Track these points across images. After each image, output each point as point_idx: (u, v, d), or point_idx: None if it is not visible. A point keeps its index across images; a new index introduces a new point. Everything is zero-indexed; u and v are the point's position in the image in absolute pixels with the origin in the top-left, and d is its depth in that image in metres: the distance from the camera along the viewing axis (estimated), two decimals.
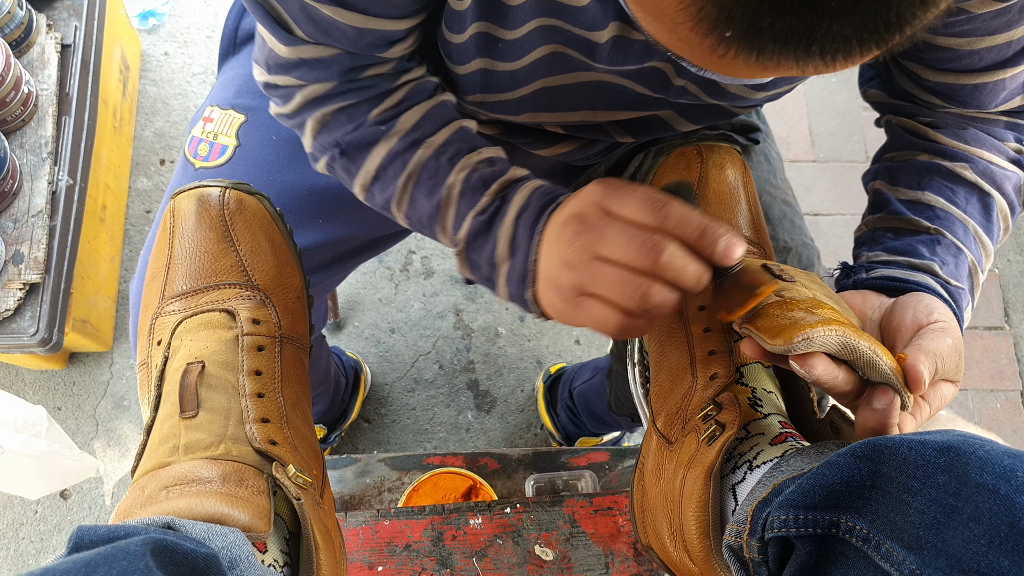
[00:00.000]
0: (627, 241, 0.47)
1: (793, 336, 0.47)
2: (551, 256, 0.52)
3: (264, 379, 0.56)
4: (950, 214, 0.63)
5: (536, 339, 1.59)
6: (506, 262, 0.56)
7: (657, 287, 0.47)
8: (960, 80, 0.61)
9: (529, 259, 0.54)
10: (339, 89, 0.59)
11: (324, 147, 0.61)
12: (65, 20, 1.38)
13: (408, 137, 0.59)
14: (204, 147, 0.77)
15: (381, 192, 0.61)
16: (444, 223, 0.59)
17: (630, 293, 0.47)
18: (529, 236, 0.54)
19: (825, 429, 0.57)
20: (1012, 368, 1.64)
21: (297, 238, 0.75)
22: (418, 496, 0.92)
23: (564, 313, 0.52)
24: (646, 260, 0.47)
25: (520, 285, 0.55)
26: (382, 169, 0.60)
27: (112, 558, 0.38)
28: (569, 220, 0.50)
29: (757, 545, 0.47)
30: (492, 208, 0.56)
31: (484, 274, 0.58)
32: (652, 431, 0.62)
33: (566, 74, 0.62)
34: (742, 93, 0.62)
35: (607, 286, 0.48)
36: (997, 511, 0.36)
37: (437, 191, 0.58)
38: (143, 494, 0.49)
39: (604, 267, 0.48)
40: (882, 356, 0.48)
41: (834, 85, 1.86)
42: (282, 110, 0.62)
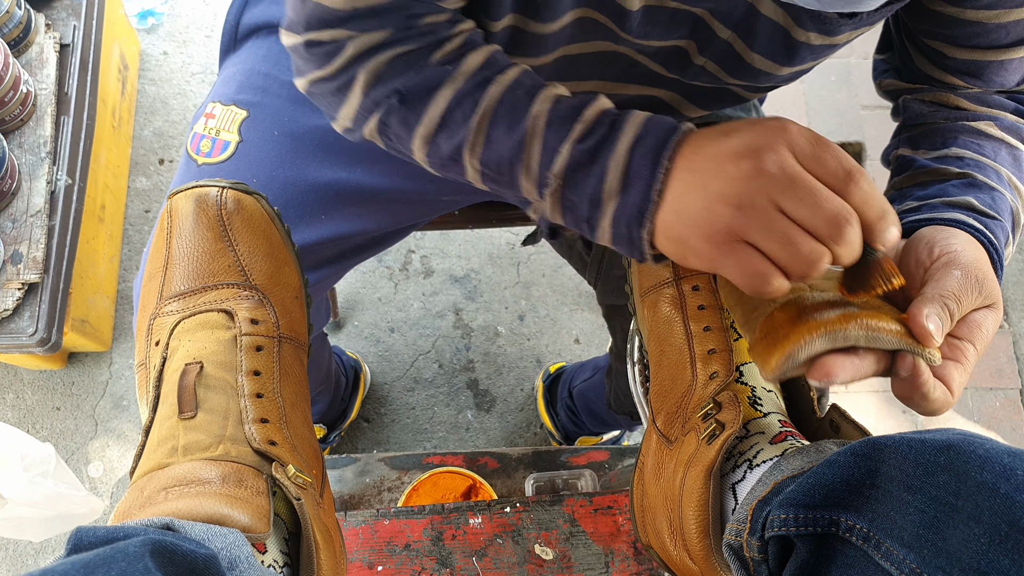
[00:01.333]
0: (818, 202, 0.44)
1: (776, 361, 0.46)
2: (703, 189, 0.47)
3: (263, 379, 0.56)
4: (980, 161, 0.60)
5: (536, 338, 1.59)
6: (615, 197, 0.50)
7: (828, 256, 0.45)
8: (987, 56, 0.60)
9: (653, 190, 0.48)
10: (397, 36, 0.55)
11: (378, 101, 0.56)
12: (64, 19, 1.38)
13: (476, 76, 0.55)
14: (206, 143, 0.77)
15: (448, 139, 0.55)
16: (529, 160, 0.53)
17: (803, 256, 0.44)
18: (652, 166, 0.49)
19: (825, 427, 0.57)
20: (1011, 366, 1.64)
21: (299, 234, 0.75)
22: (418, 496, 0.92)
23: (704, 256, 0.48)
24: (830, 230, 0.44)
25: (635, 222, 0.50)
26: (449, 112, 0.54)
27: (111, 559, 0.38)
28: (746, 154, 0.45)
29: (757, 544, 0.47)
30: (597, 136, 0.51)
31: (582, 214, 0.52)
32: (652, 430, 0.62)
33: (588, 42, 0.60)
34: (767, 68, 0.60)
35: (779, 242, 0.45)
36: (997, 510, 0.36)
37: (519, 125, 0.52)
38: (142, 495, 0.49)
39: (783, 220, 0.44)
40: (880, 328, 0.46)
41: (833, 84, 1.86)
42: (323, 72, 0.57)
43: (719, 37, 0.58)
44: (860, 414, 1.48)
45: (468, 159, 0.55)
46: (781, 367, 0.46)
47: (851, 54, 1.86)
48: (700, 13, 0.57)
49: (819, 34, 0.56)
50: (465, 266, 1.62)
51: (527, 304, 1.61)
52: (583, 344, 1.60)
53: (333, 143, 0.77)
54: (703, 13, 0.57)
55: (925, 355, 0.47)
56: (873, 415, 1.58)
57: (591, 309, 1.62)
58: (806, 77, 1.85)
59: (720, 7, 0.56)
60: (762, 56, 0.59)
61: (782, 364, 0.46)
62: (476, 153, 0.55)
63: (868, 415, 1.57)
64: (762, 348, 0.48)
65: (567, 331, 1.60)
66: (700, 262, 0.48)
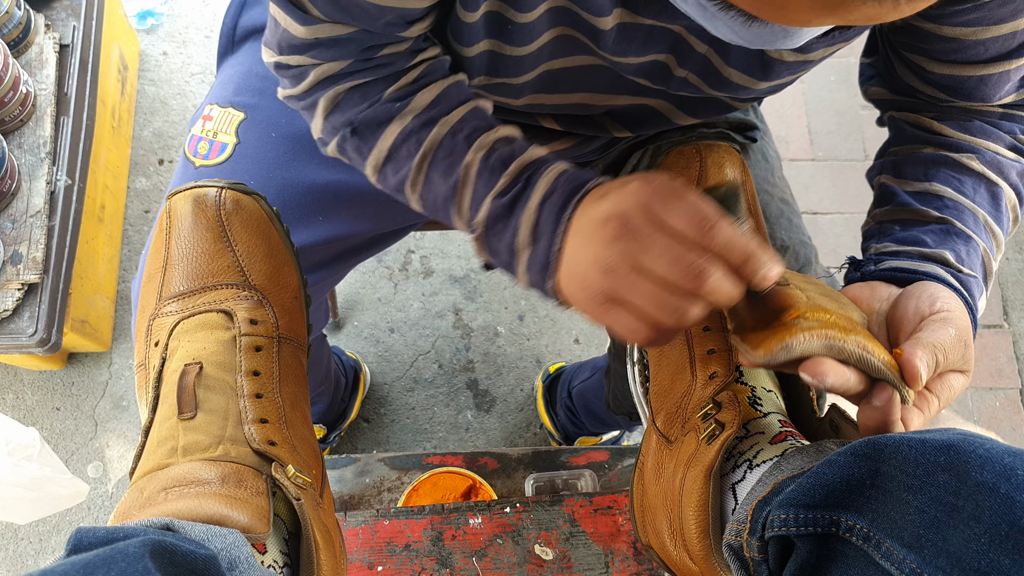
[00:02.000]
0: (673, 259, 0.46)
1: (773, 347, 0.47)
2: (583, 252, 0.50)
3: (262, 379, 0.56)
4: (959, 203, 0.62)
5: (535, 338, 1.59)
6: (527, 249, 0.54)
7: (695, 308, 0.47)
8: (965, 72, 0.61)
9: (553, 248, 0.52)
10: (354, 68, 0.58)
11: (335, 127, 0.60)
12: (63, 20, 1.38)
13: (423, 115, 0.58)
14: (204, 145, 0.77)
15: (394, 173, 0.59)
16: (460, 205, 0.57)
17: (669, 311, 0.46)
18: (555, 224, 0.52)
19: (825, 428, 0.57)
20: (1011, 366, 1.64)
21: (297, 236, 0.75)
22: (417, 496, 0.92)
23: (589, 312, 0.51)
24: (690, 283, 0.46)
25: (541, 274, 0.53)
26: (395, 148, 0.58)
27: (111, 559, 0.38)
28: (610, 219, 0.48)
29: (757, 544, 0.47)
30: (514, 191, 0.54)
31: (504, 260, 0.56)
32: (652, 430, 0.62)
33: (570, 57, 0.61)
34: (743, 82, 0.61)
35: (644, 299, 0.47)
36: (997, 509, 0.36)
37: (453, 171, 0.56)
38: (142, 496, 0.49)
39: (643, 280, 0.47)
40: (874, 352, 0.48)
41: (832, 84, 1.86)
42: (292, 91, 0.61)
43: (696, 51, 0.59)
44: None
45: (410, 194, 0.60)
46: (775, 353, 0.47)
47: (850, 54, 1.86)
48: (676, 29, 0.57)
49: (792, 51, 0.57)
50: (465, 266, 1.62)
51: (527, 304, 1.61)
52: (583, 344, 1.60)
53: None
54: (679, 29, 0.57)
55: (903, 392, 0.48)
56: None
57: None
58: (805, 77, 1.85)
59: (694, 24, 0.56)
60: (738, 71, 0.60)
61: (777, 351, 0.47)
62: (417, 190, 0.59)
63: None
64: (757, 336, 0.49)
65: (567, 331, 1.60)
66: (589, 317, 0.51)
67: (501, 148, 0.56)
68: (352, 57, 0.57)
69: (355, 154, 0.60)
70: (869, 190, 0.71)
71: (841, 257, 1.70)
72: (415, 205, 0.61)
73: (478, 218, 0.56)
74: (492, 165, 0.55)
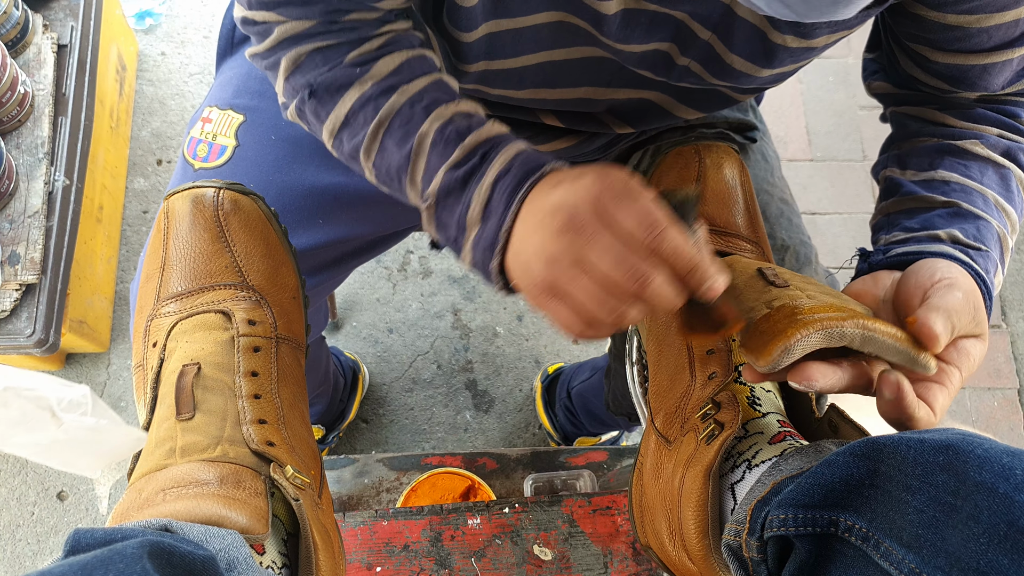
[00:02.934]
0: (617, 259, 0.45)
1: (773, 351, 0.46)
2: (529, 238, 0.49)
3: (260, 380, 0.56)
4: (966, 186, 0.61)
5: (534, 338, 1.59)
6: (476, 225, 0.53)
7: (634, 310, 0.47)
8: (969, 60, 0.61)
9: (502, 228, 0.51)
10: (318, 29, 0.57)
11: (296, 89, 0.59)
12: (61, 20, 1.38)
13: (383, 83, 0.57)
14: (203, 148, 0.77)
15: (350, 139, 0.58)
16: (414, 175, 0.56)
17: (606, 310, 0.47)
18: (506, 204, 0.51)
19: (824, 428, 0.57)
20: (1009, 366, 1.65)
21: (297, 239, 0.75)
22: (416, 496, 0.92)
23: (529, 299, 0.51)
24: (632, 285, 0.45)
25: (487, 253, 0.53)
26: (352, 114, 0.57)
27: (109, 561, 0.38)
28: (559, 210, 0.47)
29: (756, 544, 0.47)
30: (469, 165, 0.54)
31: (451, 235, 0.55)
32: (651, 430, 0.62)
33: (571, 48, 0.61)
34: (747, 70, 0.61)
35: (583, 295, 0.47)
36: (996, 509, 0.36)
37: (408, 140, 0.55)
38: (140, 496, 0.49)
39: (584, 276, 0.46)
40: (876, 328, 0.47)
41: (831, 84, 1.86)
42: (257, 48, 0.60)
43: (700, 38, 0.59)
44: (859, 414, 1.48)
45: (364, 162, 0.59)
46: (776, 358, 0.47)
47: (848, 54, 1.86)
48: (680, 16, 0.57)
49: (795, 36, 0.57)
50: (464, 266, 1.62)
51: (525, 304, 1.61)
52: (582, 344, 1.60)
53: None
54: (683, 16, 0.57)
55: (920, 361, 0.47)
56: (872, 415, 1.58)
57: None
58: (803, 77, 1.85)
59: (699, 9, 0.56)
60: (741, 58, 0.60)
61: (778, 355, 0.47)
62: (371, 158, 0.58)
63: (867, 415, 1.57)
64: (758, 342, 0.49)
65: None
66: (530, 302, 0.51)
67: (459, 121, 0.55)
68: (317, 18, 0.56)
69: (313, 117, 0.60)
70: (868, 190, 0.71)
71: (840, 257, 1.70)
72: (368, 175, 0.60)
73: (430, 189, 0.55)
74: (448, 136, 0.55)
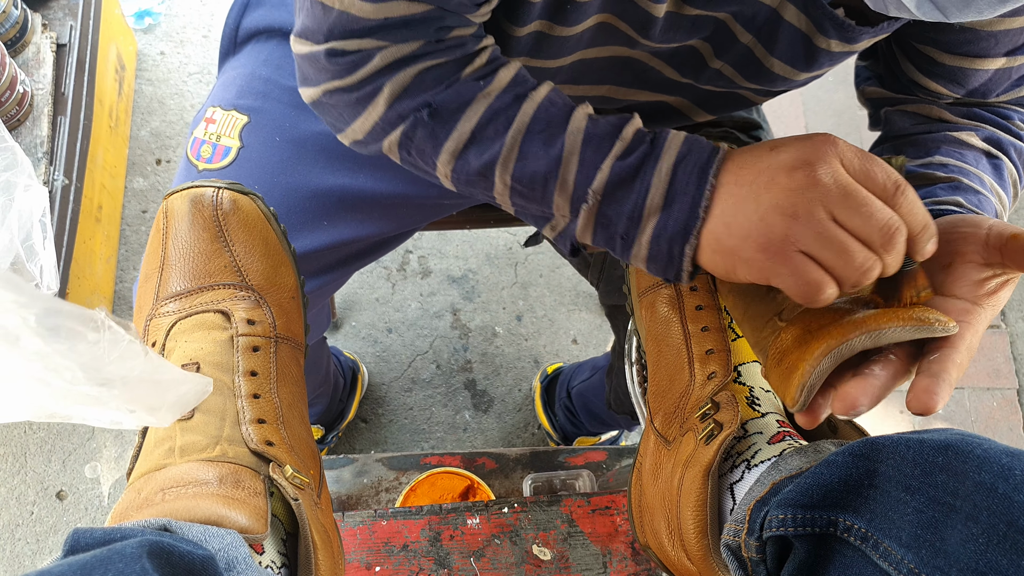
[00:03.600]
0: (871, 213, 0.45)
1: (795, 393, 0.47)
2: (755, 200, 0.47)
3: (260, 380, 0.56)
4: (963, 168, 0.62)
5: (533, 338, 1.59)
6: (656, 214, 0.51)
7: (877, 268, 0.46)
8: (974, 65, 0.61)
9: (700, 207, 0.49)
10: (427, 49, 0.54)
11: (403, 114, 0.55)
12: (60, 19, 1.38)
13: (509, 92, 0.55)
14: (207, 149, 0.77)
15: (479, 155, 0.55)
16: (566, 176, 0.53)
17: (856, 266, 0.45)
18: (699, 183, 0.49)
19: (823, 428, 0.57)
20: (1008, 366, 1.65)
21: (301, 241, 0.75)
22: (415, 496, 0.92)
23: (758, 266, 0.48)
24: (883, 240, 0.45)
25: (678, 238, 0.50)
26: (480, 127, 0.54)
27: (108, 560, 0.38)
28: (800, 167, 0.46)
29: (755, 544, 0.47)
30: (639, 152, 0.51)
31: (619, 230, 0.52)
32: (650, 430, 0.62)
33: (605, 47, 0.61)
34: (785, 73, 0.61)
35: (833, 251, 0.45)
36: (995, 509, 0.36)
37: (556, 141, 0.53)
38: (139, 496, 0.49)
39: (838, 230, 0.45)
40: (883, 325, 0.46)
41: (830, 84, 1.86)
42: (343, 82, 0.56)
43: (740, 41, 0.59)
44: None
45: (499, 174, 0.55)
46: (802, 399, 0.47)
47: None
48: (723, 17, 0.57)
49: (840, 41, 0.57)
50: (463, 266, 1.62)
51: (525, 304, 1.61)
52: (581, 344, 1.60)
53: (335, 149, 0.76)
54: (725, 17, 0.57)
55: (938, 329, 0.46)
56: (871, 415, 1.58)
57: (589, 309, 1.62)
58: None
59: (744, 11, 0.56)
60: (781, 61, 0.60)
61: (801, 396, 0.47)
62: (509, 168, 0.54)
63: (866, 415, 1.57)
64: (777, 378, 0.49)
65: (565, 331, 1.60)
66: (752, 273, 0.48)
67: (605, 117, 0.53)
68: (423, 38, 0.54)
69: (426, 142, 0.56)
70: None
71: None
72: (499, 189, 0.56)
73: (594, 186, 0.52)
74: (602, 131, 0.52)
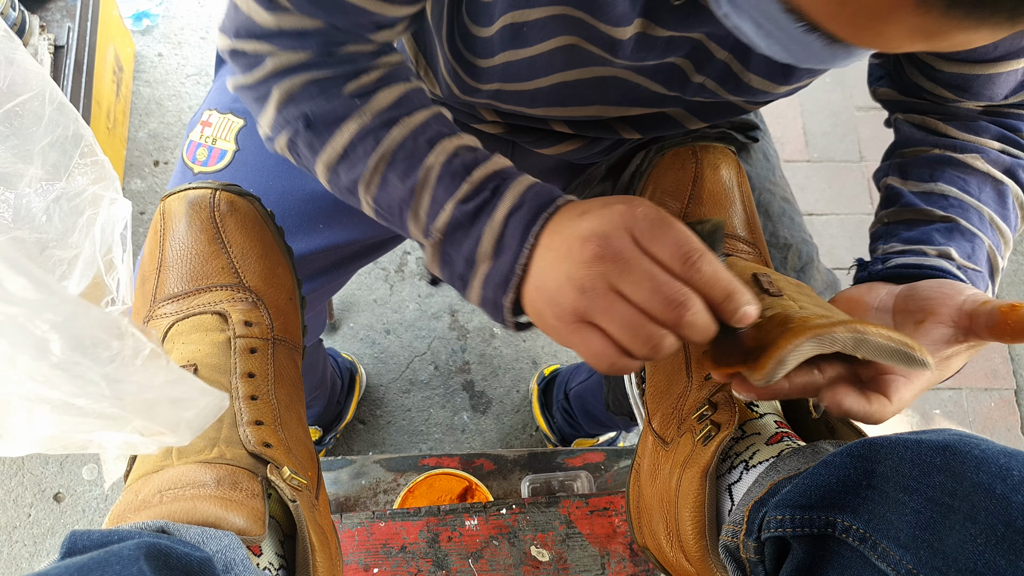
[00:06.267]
0: (654, 287, 0.45)
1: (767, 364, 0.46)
2: (556, 269, 0.48)
3: (257, 381, 0.55)
4: (964, 202, 0.62)
5: (531, 339, 1.59)
6: (487, 261, 0.52)
7: (670, 339, 0.46)
8: (974, 70, 0.61)
9: (517, 263, 0.50)
10: (314, 60, 0.56)
11: (287, 120, 0.57)
12: (58, 21, 1.38)
13: (384, 115, 0.55)
14: (203, 152, 0.77)
15: (348, 172, 0.56)
16: (417, 209, 0.54)
17: (643, 339, 0.45)
18: (521, 238, 0.50)
19: (821, 428, 0.57)
20: (1006, 367, 1.65)
21: (298, 243, 0.75)
22: (414, 497, 0.92)
23: (556, 332, 0.49)
24: (669, 314, 0.45)
25: (500, 289, 0.51)
26: (351, 147, 0.55)
27: (106, 563, 0.37)
28: (590, 239, 0.46)
29: (753, 545, 0.47)
30: (479, 199, 0.52)
31: (457, 271, 0.54)
32: (648, 431, 0.62)
33: (583, 68, 0.61)
34: (763, 87, 0.61)
35: (619, 325, 0.46)
36: (993, 510, 0.36)
37: (413, 173, 0.54)
38: (137, 498, 0.49)
39: (621, 304, 0.45)
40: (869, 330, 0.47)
41: (828, 85, 1.86)
42: (243, 80, 0.58)
43: (716, 58, 0.59)
44: None
45: (362, 195, 0.57)
46: (771, 370, 0.46)
47: None
48: (697, 37, 0.57)
49: None
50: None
51: None
52: None
53: None
54: (699, 37, 0.57)
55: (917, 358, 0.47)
56: None
57: None
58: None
59: (716, 31, 0.56)
60: (759, 76, 0.60)
61: (772, 368, 0.46)
62: (371, 191, 0.56)
63: None
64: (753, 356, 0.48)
65: None
66: (553, 336, 0.50)
67: (464, 154, 0.54)
68: (313, 49, 0.55)
69: (306, 150, 0.58)
70: (865, 191, 0.72)
71: (837, 257, 1.70)
72: (367, 208, 0.58)
73: (437, 224, 0.53)
74: (455, 170, 0.53)
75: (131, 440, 0.45)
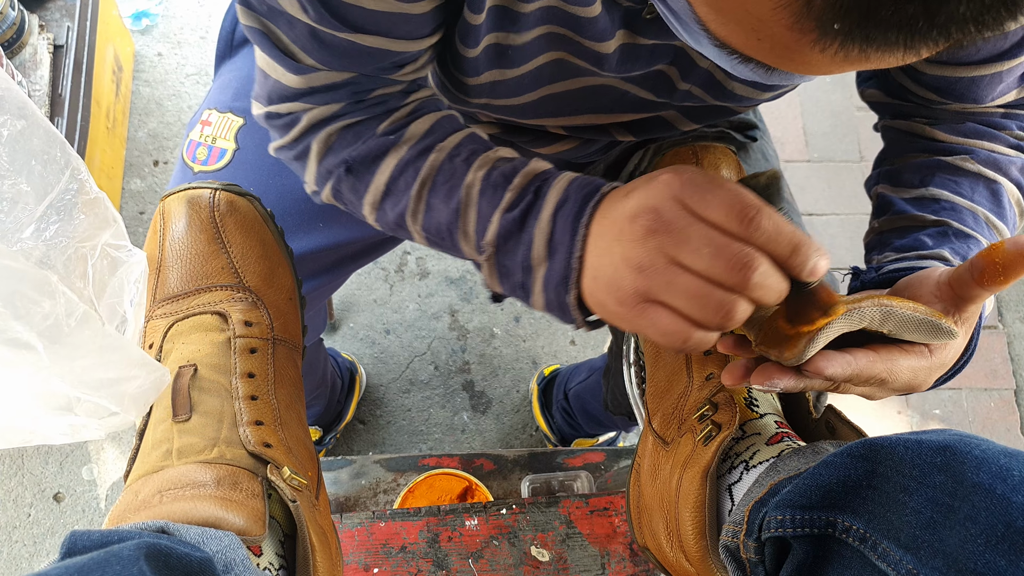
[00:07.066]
0: (714, 251, 0.42)
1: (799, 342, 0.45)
2: (610, 253, 0.46)
3: (257, 381, 0.55)
4: (956, 204, 0.61)
5: (531, 339, 1.59)
6: (543, 264, 0.50)
7: (742, 304, 0.43)
8: (957, 73, 0.61)
9: (573, 257, 0.48)
10: (347, 109, 0.57)
11: (329, 170, 0.58)
12: (57, 21, 1.38)
13: (419, 145, 0.55)
14: (203, 151, 0.77)
15: (393, 207, 0.56)
16: (466, 228, 0.53)
17: (713, 308, 0.43)
18: (572, 232, 0.48)
19: (821, 429, 0.57)
20: (1006, 367, 1.65)
21: (297, 243, 0.75)
22: (414, 497, 0.92)
23: (622, 318, 0.46)
24: (735, 276, 0.42)
25: (561, 288, 0.49)
26: (393, 181, 0.56)
27: (106, 563, 0.37)
28: (640, 214, 0.44)
29: (754, 545, 0.47)
30: (523, 204, 0.51)
31: (518, 280, 0.52)
32: (648, 431, 0.62)
33: (570, 80, 0.61)
34: (747, 94, 0.61)
35: (685, 297, 0.43)
36: (993, 510, 0.36)
37: (455, 193, 0.53)
38: (137, 499, 0.49)
39: (683, 275, 0.43)
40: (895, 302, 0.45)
41: (828, 85, 1.86)
42: (283, 140, 0.59)
43: (699, 66, 0.59)
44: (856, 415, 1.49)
45: (411, 226, 0.56)
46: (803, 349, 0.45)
47: None
48: (679, 44, 0.57)
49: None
50: (460, 267, 1.62)
51: (523, 305, 1.61)
52: (579, 345, 1.60)
53: None
54: (682, 44, 0.57)
55: (943, 328, 0.46)
56: (869, 416, 1.59)
57: None
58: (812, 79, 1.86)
59: None
60: (741, 84, 0.60)
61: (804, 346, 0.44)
62: (418, 220, 0.56)
63: (864, 416, 1.58)
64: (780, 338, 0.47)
65: (563, 332, 1.60)
66: (621, 325, 0.47)
67: (502, 165, 0.53)
68: (344, 100, 0.56)
69: (351, 195, 0.58)
70: (864, 191, 0.72)
71: (837, 258, 1.70)
72: (418, 238, 0.58)
73: (487, 238, 0.52)
74: (495, 181, 0.52)
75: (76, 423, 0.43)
